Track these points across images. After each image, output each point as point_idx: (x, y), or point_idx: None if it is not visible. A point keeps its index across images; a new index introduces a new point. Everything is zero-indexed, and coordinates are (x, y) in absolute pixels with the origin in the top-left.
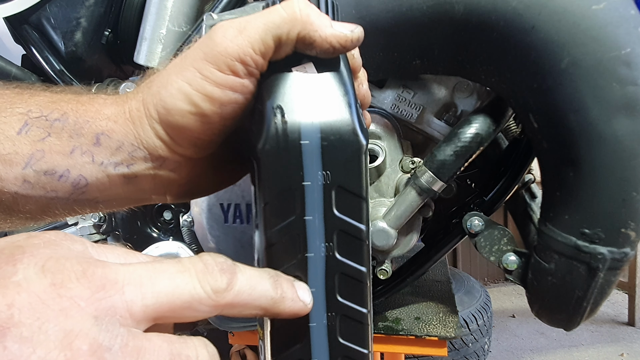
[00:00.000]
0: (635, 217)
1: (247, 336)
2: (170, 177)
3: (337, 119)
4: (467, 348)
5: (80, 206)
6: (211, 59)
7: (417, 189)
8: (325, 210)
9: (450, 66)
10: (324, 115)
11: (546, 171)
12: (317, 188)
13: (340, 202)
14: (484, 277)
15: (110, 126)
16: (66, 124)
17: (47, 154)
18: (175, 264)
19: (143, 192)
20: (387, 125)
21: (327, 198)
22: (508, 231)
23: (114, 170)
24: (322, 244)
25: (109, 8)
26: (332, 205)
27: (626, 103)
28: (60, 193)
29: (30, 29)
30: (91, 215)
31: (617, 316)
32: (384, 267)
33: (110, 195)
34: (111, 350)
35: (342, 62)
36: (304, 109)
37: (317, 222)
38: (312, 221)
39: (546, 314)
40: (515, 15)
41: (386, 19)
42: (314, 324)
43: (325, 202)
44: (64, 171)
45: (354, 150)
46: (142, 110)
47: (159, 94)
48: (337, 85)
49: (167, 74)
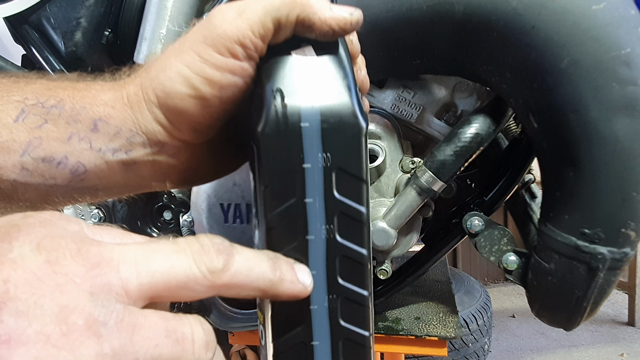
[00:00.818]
0: (635, 217)
1: (247, 336)
2: (170, 163)
3: (337, 102)
4: (467, 348)
5: (79, 194)
6: (210, 41)
7: (417, 189)
8: (325, 192)
9: (450, 66)
10: (324, 98)
11: (546, 171)
12: (318, 170)
13: (341, 184)
14: (484, 277)
15: (108, 112)
16: (63, 111)
17: (45, 141)
18: (171, 244)
19: (142, 178)
20: (387, 125)
21: (328, 180)
22: (508, 231)
23: (112, 157)
24: (322, 226)
25: (109, 8)
26: (332, 188)
27: (626, 103)
28: (59, 180)
29: (30, 29)
30: (91, 216)
31: (617, 316)
32: (384, 267)
33: (110, 182)
34: (107, 325)
35: (341, 46)
36: (304, 92)
37: (318, 204)
38: (312, 203)
39: (546, 314)
40: (515, 15)
41: (386, 19)
42: (315, 307)
43: (326, 185)
44: (62, 158)
45: (354, 133)
46: (140, 95)
47: (157, 78)
48: (336, 68)
49: (166, 58)
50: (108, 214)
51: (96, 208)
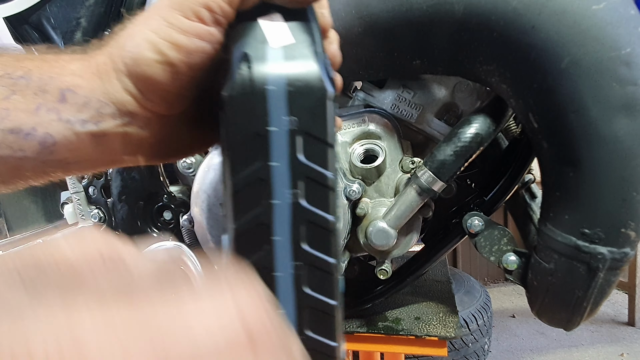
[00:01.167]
0: (635, 217)
1: None
2: (141, 135)
3: (303, 66)
4: (467, 348)
5: (51, 167)
6: (177, 6)
7: (417, 189)
8: (290, 156)
9: (450, 66)
10: (290, 62)
11: (546, 171)
12: (283, 134)
13: (307, 148)
14: (484, 277)
15: (76, 81)
16: (30, 82)
17: (12, 112)
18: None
19: (113, 152)
20: (387, 125)
21: (293, 144)
22: (508, 231)
23: (82, 128)
24: (288, 190)
25: (109, 8)
26: (298, 151)
27: (626, 103)
28: (28, 152)
29: (30, 29)
30: (91, 216)
31: (617, 316)
32: (384, 267)
33: (80, 155)
34: None
35: (310, 15)
36: (270, 56)
37: (283, 168)
38: (277, 167)
39: (546, 314)
40: (515, 15)
41: (386, 19)
42: (280, 274)
43: (291, 148)
44: (30, 129)
45: (320, 97)
46: (109, 63)
47: (125, 46)
48: (303, 34)
49: (134, 26)
50: (108, 214)
51: (96, 208)
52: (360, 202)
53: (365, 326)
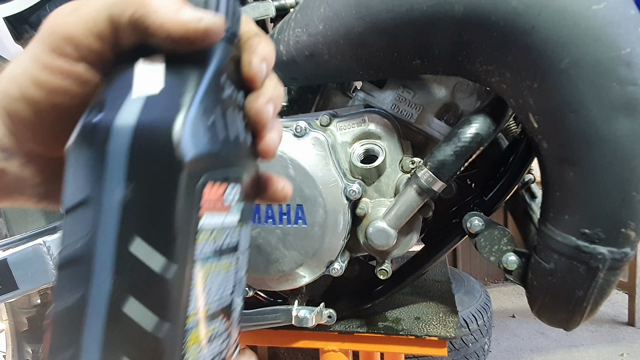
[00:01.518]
0: (635, 217)
1: (247, 336)
2: (22, 175)
3: (158, 120)
4: (467, 348)
5: None
6: (42, 40)
7: (417, 189)
8: (118, 242)
9: (450, 66)
10: (145, 114)
11: (546, 171)
12: (115, 206)
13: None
14: (484, 277)
15: None
16: None
17: None
18: None
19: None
20: (387, 125)
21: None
22: (508, 231)
23: None
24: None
25: None
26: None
27: (626, 103)
28: None
29: (30, 29)
30: None
31: (617, 316)
32: (384, 267)
33: None
34: None
35: (212, 61)
36: (126, 106)
37: (106, 256)
38: (101, 255)
39: (546, 314)
40: (515, 15)
41: (386, 19)
42: None
43: (121, 231)
44: None
45: (167, 163)
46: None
47: (2, 78)
48: (181, 83)
49: (18, 56)
50: None
51: None
52: (360, 202)
53: (365, 326)
